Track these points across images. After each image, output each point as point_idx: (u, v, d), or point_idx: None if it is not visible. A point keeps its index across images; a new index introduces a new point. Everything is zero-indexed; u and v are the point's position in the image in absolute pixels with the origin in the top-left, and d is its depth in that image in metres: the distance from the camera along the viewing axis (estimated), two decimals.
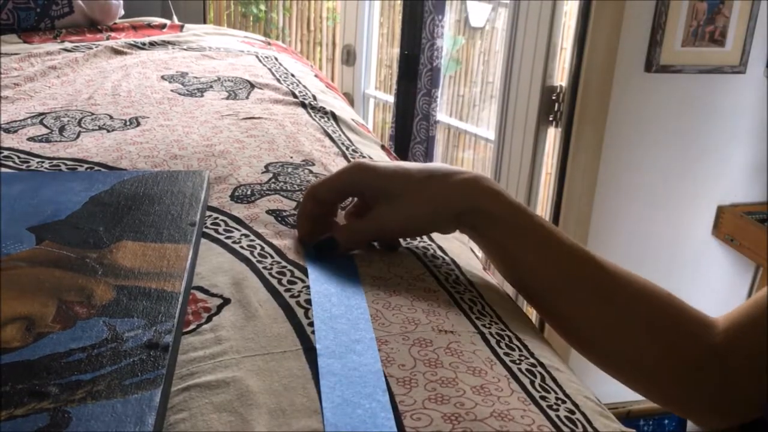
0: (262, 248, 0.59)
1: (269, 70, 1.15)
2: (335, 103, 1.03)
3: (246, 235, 0.61)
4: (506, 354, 0.49)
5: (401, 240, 0.63)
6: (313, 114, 0.95)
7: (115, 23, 1.43)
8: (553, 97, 2.09)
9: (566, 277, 0.57)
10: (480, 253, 0.65)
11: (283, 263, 0.57)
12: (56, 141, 0.81)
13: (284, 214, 0.65)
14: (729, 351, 0.55)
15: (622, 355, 0.58)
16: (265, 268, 0.56)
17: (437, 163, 0.60)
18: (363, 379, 0.44)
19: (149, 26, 1.43)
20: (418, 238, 0.65)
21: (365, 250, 0.60)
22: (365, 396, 0.43)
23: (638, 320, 0.57)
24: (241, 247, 0.59)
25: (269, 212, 0.65)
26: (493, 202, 0.57)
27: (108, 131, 0.84)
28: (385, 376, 0.44)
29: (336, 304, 0.51)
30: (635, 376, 0.59)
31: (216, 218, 0.64)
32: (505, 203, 0.57)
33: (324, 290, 0.53)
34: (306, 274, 0.55)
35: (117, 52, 1.20)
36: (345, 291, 0.53)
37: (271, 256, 0.58)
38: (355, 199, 0.64)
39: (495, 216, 0.57)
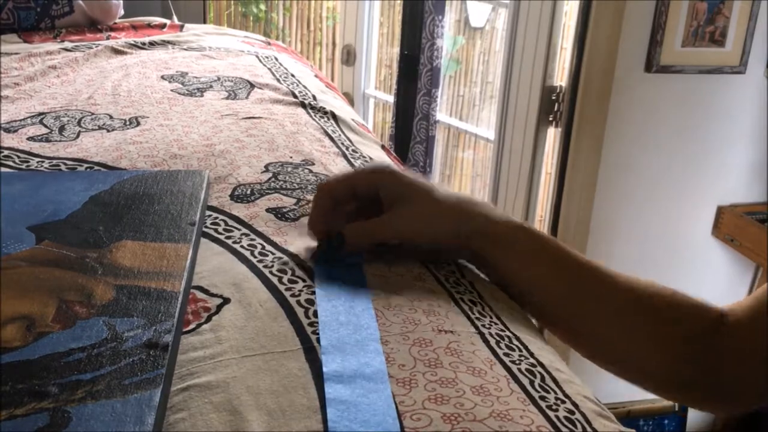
0: (263, 246, 0.59)
1: (269, 70, 1.15)
2: (335, 103, 1.03)
3: (246, 234, 0.61)
4: (506, 354, 0.49)
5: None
6: (312, 114, 0.95)
7: (115, 23, 1.43)
8: (553, 97, 2.09)
9: (583, 296, 0.59)
10: None
11: (285, 259, 0.57)
12: (56, 141, 0.81)
13: (284, 210, 0.65)
14: (733, 348, 0.57)
15: (630, 364, 0.61)
16: (265, 266, 0.56)
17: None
18: (372, 408, 0.41)
19: (149, 26, 1.43)
20: None
21: (370, 254, 0.59)
22: (374, 425, 0.40)
23: (642, 331, 0.59)
24: (242, 246, 0.59)
25: (269, 210, 0.65)
26: (503, 226, 0.59)
27: (108, 131, 0.84)
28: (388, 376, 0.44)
29: (344, 323, 0.49)
30: (645, 381, 0.62)
31: (216, 218, 0.64)
32: (516, 227, 0.59)
33: (332, 307, 0.51)
34: (310, 275, 0.55)
35: (117, 51, 1.20)
36: (354, 308, 0.51)
37: (272, 254, 0.58)
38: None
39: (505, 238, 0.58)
